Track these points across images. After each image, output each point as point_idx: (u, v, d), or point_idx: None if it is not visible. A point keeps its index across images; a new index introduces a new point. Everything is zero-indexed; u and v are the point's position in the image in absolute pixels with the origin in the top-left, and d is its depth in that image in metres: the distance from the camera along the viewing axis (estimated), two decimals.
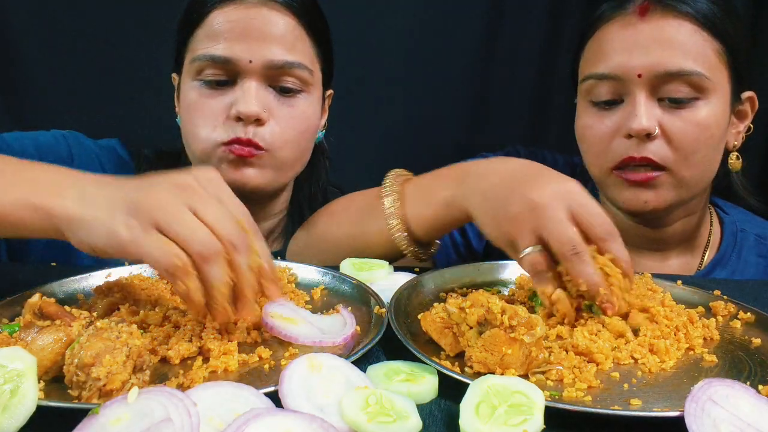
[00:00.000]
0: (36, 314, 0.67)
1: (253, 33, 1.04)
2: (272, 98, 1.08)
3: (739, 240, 1.21)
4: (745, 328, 0.82)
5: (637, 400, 0.62)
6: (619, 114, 1.06)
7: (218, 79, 1.07)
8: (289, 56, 1.07)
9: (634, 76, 1.02)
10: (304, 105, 1.11)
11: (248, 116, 1.04)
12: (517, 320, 0.65)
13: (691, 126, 1.02)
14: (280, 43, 1.06)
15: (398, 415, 0.55)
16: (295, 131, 1.10)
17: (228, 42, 1.04)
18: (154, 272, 0.91)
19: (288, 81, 1.08)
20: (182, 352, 0.67)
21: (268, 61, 1.05)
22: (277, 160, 1.09)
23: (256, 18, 1.05)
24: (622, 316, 0.77)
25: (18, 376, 0.56)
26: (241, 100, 1.04)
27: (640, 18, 1.03)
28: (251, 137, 1.05)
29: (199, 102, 1.08)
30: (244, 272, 0.68)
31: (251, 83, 1.05)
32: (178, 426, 0.50)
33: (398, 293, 0.82)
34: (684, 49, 1.01)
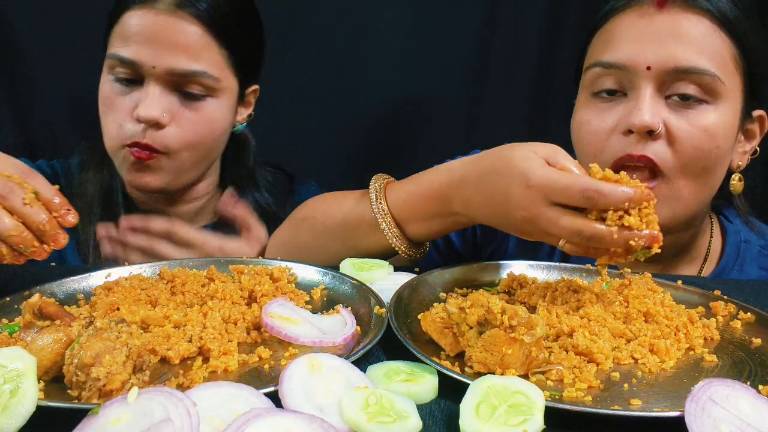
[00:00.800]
0: (36, 314, 0.67)
1: (160, 40, 1.08)
2: (176, 102, 1.12)
3: (741, 252, 1.14)
4: (745, 328, 0.81)
5: (637, 400, 0.62)
6: (620, 109, 0.99)
7: (127, 78, 1.11)
8: (193, 65, 1.10)
9: (643, 69, 0.95)
10: (209, 108, 1.15)
11: (147, 120, 1.09)
12: (517, 320, 0.65)
13: (698, 130, 0.95)
14: (184, 52, 1.10)
15: (398, 415, 0.55)
16: (196, 135, 1.14)
17: (136, 45, 1.09)
18: (154, 272, 0.92)
19: (192, 87, 1.13)
20: (182, 352, 0.67)
21: (170, 68, 1.09)
22: (176, 162, 1.15)
23: (165, 25, 1.08)
24: None
25: (18, 376, 0.56)
26: (142, 103, 1.09)
27: (657, 9, 0.97)
28: (149, 142, 1.11)
29: (110, 98, 1.14)
30: (20, 209, 0.75)
31: (155, 88, 1.10)
32: (178, 426, 0.50)
33: (398, 293, 0.82)
34: (699, 46, 0.95)
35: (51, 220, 0.77)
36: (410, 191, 0.97)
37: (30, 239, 0.76)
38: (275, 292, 0.84)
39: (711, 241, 1.16)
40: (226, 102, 1.18)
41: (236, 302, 0.80)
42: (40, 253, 0.77)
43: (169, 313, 0.75)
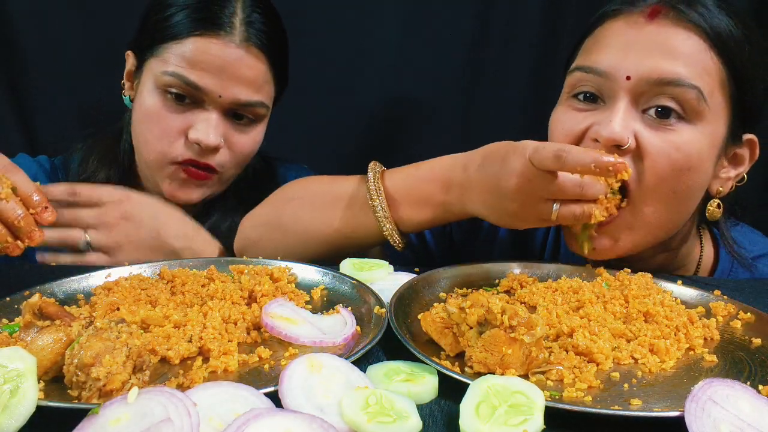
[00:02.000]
0: (36, 314, 0.67)
1: (229, 72, 1.12)
2: (229, 127, 1.17)
3: (735, 264, 1.10)
4: (745, 328, 0.81)
5: (637, 400, 0.62)
6: (595, 116, 0.95)
7: (182, 95, 1.13)
8: (255, 96, 1.16)
9: (622, 78, 0.91)
10: (255, 133, 1.22)
11: (208, 147, 1.13)
12: (517, 320, 0.65)
13: (671, 148, 0.90)
14: (250, 86, 1.15)
15: (398, 415, 0.55)
16: (244, 155, 1.22)
17: (203, 72, 1.11)
18: (154, 272, 0.92)
19: (248, 114, 1.18)
20: (182, 352, 0.67)
21: (235, 99, 1.14)
22: (224, 179, 1.22)
23: (235, 59, 1.12)
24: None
25: (18, 376, 0.56)
26: (202, 129, 1.13)
27: (648, 19, 0.93)
28: (205, 161, 1.15)
29: (161, 114, 1.14)
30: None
31: (214, 114, 1.14)
32: (178, 426, 0.50)
33: (398, 293, 0.82)
34: (685, 62, 0.90)
35: (27, 216, 0.78)
36: (410, 172, 1.02)
37: (3, 234, 0.77)
38: (275, 292, 0.84)
39: (701, 255, 1.12)
40: (264, 125, 1.25)
41: (236, 302, 0.80)
42: (13, 249, 0.78)
43: (169, 313, 0.75)
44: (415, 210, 1.00)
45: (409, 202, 1.00)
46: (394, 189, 1.01)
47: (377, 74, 1.78)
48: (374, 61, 1.78)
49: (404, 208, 1.01)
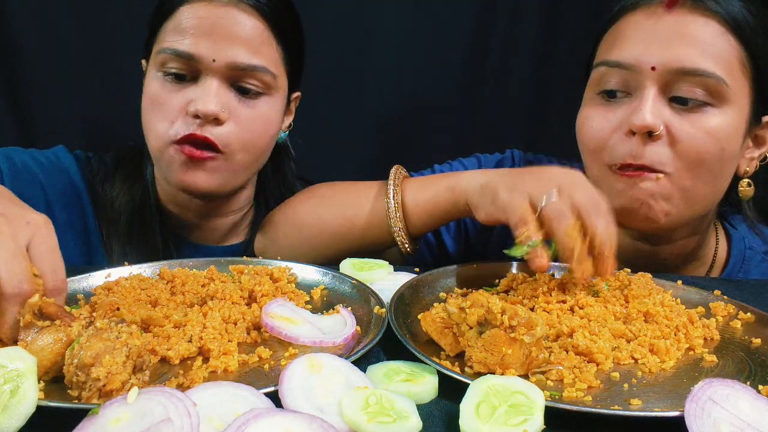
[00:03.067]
0: (36, 314, 0.67)
1: (220, 32, 1.04)
2: (233, 98, 1.07)
3: (747, 258, 1.14)
4: (745, 328, 0.81)
5: (637, 400, 0.62)
6: (624, 109, 0.99)
7: (180, 74, 1.06)
8: (254, 59, 1.06)
9: (648, 69, 0.95)
10: (265, 107, 1.10)
11: (206, 115, 1.03)
12: (517, 320, 0.65)
13: (700, 132, 0.94)
14: (245, 45, 1.05)
15: (398, 415, 0.55)
16: (253, 133, 1.09)
17: (194, 38, 1.04)
18: (154, 272, 0.92)
19: (250, 83, 1.08)
20: (182, 352, 0.67)
21: (231, 61, 1.04)
22: (232, 163, 1.09)
23: (224, 17, 1.05)
24: None
25: (18, 376, 0.56)
26: (200, 98, 1.03)
27: (666, 9, 0.97)
28: (207, 135, 1.04)
29: (160, 94, 1.07)
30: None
31: (213, 82, 1.05)
32: (178, 426, 0.50)
33: (398, 293, 0.82)
34: (705, 49, 0.94)
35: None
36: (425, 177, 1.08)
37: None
38: (275, 292, 0.84)
39: (717, 248, 1.15)
40: (279, 102, 1.14)
41: (236, 302, 0.80)
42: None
43: (169, 313, 0.75)
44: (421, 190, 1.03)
45: (416, 186, 1.03)
46: (411, 181, 1.04)
47: (380, 78, 1.79)
48: (377, 65, 1.78)
49: (411, 191, 1.03)
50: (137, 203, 1.17)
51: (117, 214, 1.16)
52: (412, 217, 1.02)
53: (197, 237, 1.24)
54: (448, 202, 0.99)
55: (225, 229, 1.25)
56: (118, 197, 1.17)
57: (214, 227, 1.24)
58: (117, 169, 1.20)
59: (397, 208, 1.01)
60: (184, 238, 1.23)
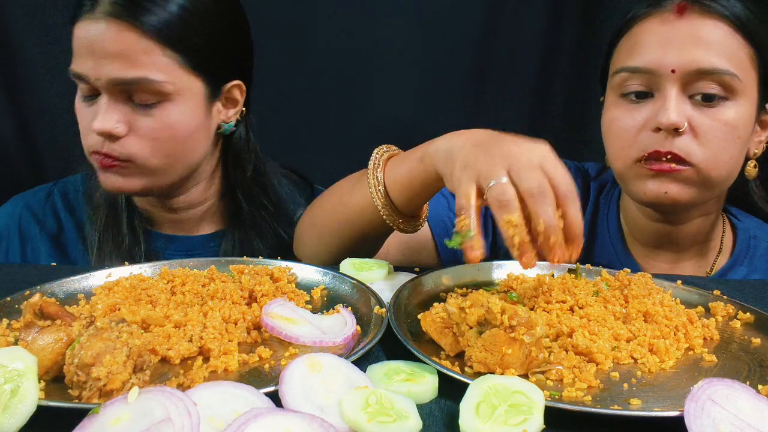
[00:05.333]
0: (36, 314, 0.67)
1: (97, 51, 1.05)
2: (129, 111, 1.08)
3: (751, 247, 1.22)
4: (744, 328, 0.82)
5: (637, 400, 0.62)
6: (648, 108, 1.06)
7: (87, 94, 1.10)
8: (131, 72, 1.05)
9: (668, 72, 1.03)
10: (164, 114, 1.10)
11: (100, 132, 1.07)
12: (517, 320, 0.65)
13: (720, 124, 1.03)
14: (120, 60, 1.05)
15: (398, 415, 0.55)
16: (158, 141, 1.10)
17: (81, 58, 1.07)
18: (154, 272, 0.92)
19: (141, 96, 1.08)
20: (182, 352, 0.67)
21: (111, 78, 1.05)
22: (148, 167, 1.12)
23: (101, 34, 1.05)
24: None
25: (18, 376, 0.56)
26: (96, 116, 1.07)
27: (677, 16, 1.05)
28: (106, 151, 1.08)
29: (78, 111, 1.13)
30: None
31: (105, 99, 1.07)
32: (178, 426, 0.50)
33: (398, 293, 0.82)
34: (718, 49, 1.02)
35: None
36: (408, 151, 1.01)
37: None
38: (275, 292, 0.85)
39: (723, 236, 1.24)
40: (186, 104, 1.12)
41: (236, 302, 0.80)
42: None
43: (170, 313, 0.75)
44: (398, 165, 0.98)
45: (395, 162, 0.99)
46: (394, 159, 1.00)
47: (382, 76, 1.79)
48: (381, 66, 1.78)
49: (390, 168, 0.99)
50: (110, 198, 1.22)
51: (96, 208, 1.21)
52: (393, 192, 0.98)
53: (169, 229, 1.28)
54: (420, 174, 0.94)
55: (195, 219, 1.28)
56: (95, 196, 1.22)
57: (182, 219, 1.27)
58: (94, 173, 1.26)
59: (377, 185, 0.98)
60: (156, 230, 1.27)
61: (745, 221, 1.26)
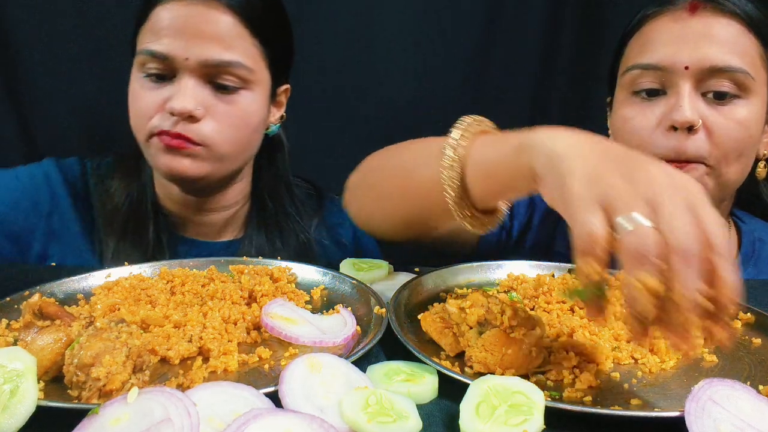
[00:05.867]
0: (36, 314, 0.67)
1: (191, 30, 1.06)
2: (209, 95, 1.09)
3: (756, 249, 1.21)
4: (745, 328, 0.82)
5: (637, 400, 0.62)
6: (661, 106, 1.06)
7: (158, 74, 1.08)
8: (226, 55, 1.07)
9: (681, 69, 1.03)
10: (244, 102, 1.11)
11: (181, 113, 1.05)
12: (517, 320, 0.65)
13: (733, 123, 1.03)
14: (217, 42, 1.06)
15: (398, 415, 0.55)
16: (233, 127, 1.11)
17: (167, 38, 1.06)
18: (154, 272, 0.92)
19: (226, 79, 1.09)
20: (182, 352, 0.67)
21: (203, 59, 1.06)
22: (216, 154, 1.11)
23: (195, 15, 1.06)
24: None
25: (18, 376, 0.56)
26: (176, 96, 1.06)
27: (690, 14, 1.05)
28: (180, 131, 1.06)
29: (140, 94, 1.10)
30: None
31: (188, 80, 1.06)
32: (177, 426, 0.50)
33: (398, 293, 0.82)
34: (731, 47, 1.03)
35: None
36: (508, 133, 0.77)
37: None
38: (275, 292, 0.85)
39: (730, 238, 1.23)
40: (260, 96, 1.14)
41: (236, 302, 0.80)
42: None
43: (169, 313, 0.75)
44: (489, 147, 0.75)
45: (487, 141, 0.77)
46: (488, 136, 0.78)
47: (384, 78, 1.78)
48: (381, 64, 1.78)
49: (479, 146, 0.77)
50: (134, 201, 1.19)
51: (114, 211, 1.18)
52: (471, 178, 0.75)
53: (194, 232, 1.26)
54: (511, 166, 0.70)
55: (220, 224, 1.27)
56: (115, 195, 1.19)
57: (210, 222, 1.25)
58: (116, 169, 1.23)
59: (453, 165, 0.76)
60: (180, 234, 1.25)
61: (749, 223, 1.25)
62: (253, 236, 1.25)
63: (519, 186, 0.72)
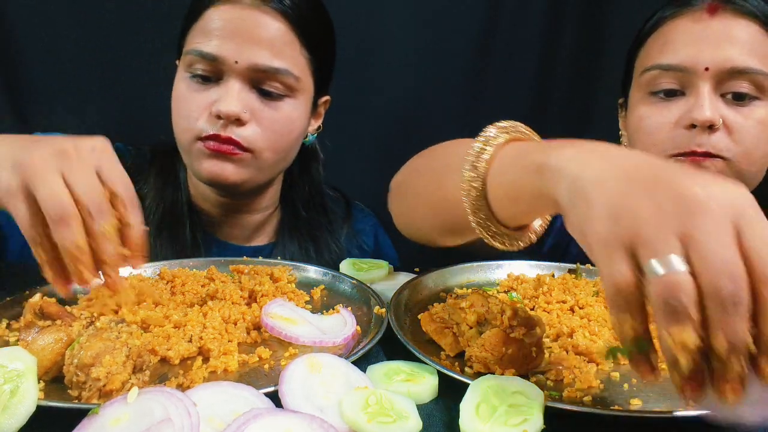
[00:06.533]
0: (37, 314, 0.67)
1: (243, 34, 1.05)
2: (255, 100, 1.08)
3: None
4: None
5: (637, 400, 0.62)
6: (680, 106, 1.06)
7: (205, 75, 1.08)
8: (276, 61, 1.07)
9: (701, 69, 1.03)
10: (288, 109, 1.11)
11: (228, 116, 1.05)
12: (517, 320, 0.65)
13: (752, 122, 1.04)
14: (267, 48, 1.06)
15: (398, 415, 0.55)
16: (276, 134, 1.11)
17: (218, 40, 1.06)
18: (154, 272, 0.92)
19: (273, 85, 1.09)
20: (182, 352, 0.67)
21: (253, 63, 1.05)
22: (259, 160, 1.11)
23: (248, 20, 1.06)
24: None
25: (18, 376, 0.56)
26: (222, 99, 1.05)
27: (709, 15, 1.05)
28: (230, 135, 1.06)
29: (186, 94, 1.09)
30: (96, 237, 0.67)
31: (235, 83, 1.06)
32: (178, 426, 0.50)
33: (398, 293, 0.83)
34: (751, 48, 1.03)
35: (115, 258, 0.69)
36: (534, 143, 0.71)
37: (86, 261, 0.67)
38: (275, 292, 0.85)
39: None
40: (304, 104, 1.14)
41: (236, 302, 0.80)
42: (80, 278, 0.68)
43: (169, 313, 0.75)
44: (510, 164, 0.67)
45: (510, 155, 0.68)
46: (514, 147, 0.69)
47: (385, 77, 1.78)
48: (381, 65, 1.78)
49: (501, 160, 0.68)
50: (169, 200, 1.19)
51: (149, 209, 1.18)
52: (492, 198, 0.68)
53: (225, 234, 1.26)
54: (532, 191, 0.62)
55: (252, 227, 1.27)
56: (151, 193, 1.19)
57: (242, 224, 1.25)
58: (152, 164, 1.23)
59: (473, 179, 0.68)
60: (212, 234, 1.25)
61: None
62: (286, 244, 1.25)
63: (543, 211, 0.67)
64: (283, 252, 1.24)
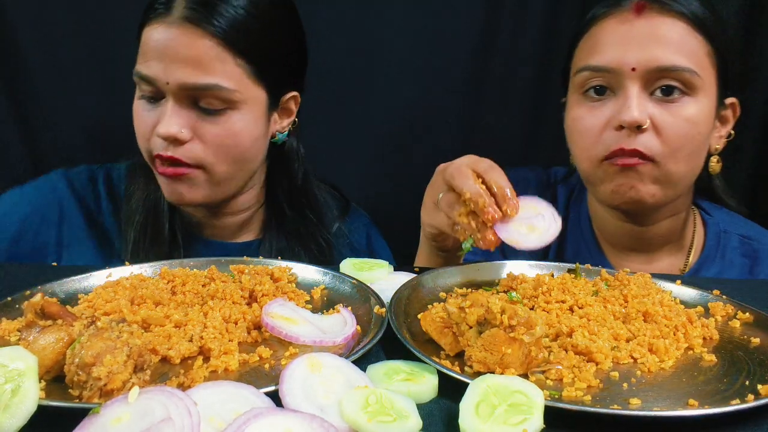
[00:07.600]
0: (38, 314, 0.67)
1: (170, 54, 1.06)
2: (194, 117, 1.09)
3: (722, 241, 1.23)
4: (744, 327, 0.82)
5: (636, 400, 0.62)
6: (610, 106, 1.07)
7: (150, 95, 1.10)
8: (206, 78, 1.06)
9: (628, 70, 1.04)
10: (231, 121, 1.11)
11: (165, 137, 1.07)
12: (517, 320, 0.65)
13: (680, 120, 1.04)
14: (194, 66, 1.06)
15: (398, 414, 0.56)
16: (223, 147, 1.11)
17: (151, 61, 1.07)
18: (155, 272, 0.92)
19: (208, 101, 1.08)
20: (183, 352, 0.67)
21: (182, 83, 1.06)
22: (213, 175, 1.12)
23: (174, 39, 1.06)
24: None
25: (19, 376, 0.56)
26: (161, 120, 1.07)
27: (636, 15, 1.06)
28: (172, 154, 1.08)
29: (139, 113, 1.12)
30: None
31: (171, 103, 1.07)
32: (178, 426, 0.50)
33: (398, 293, 0.83)
34: (677, 47, 1.04)
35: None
36: None
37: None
38: (275, 292, 0.85)
39: (694, 232, 1.25)
40: (250, 113, 1.13)
41: (237, 302, 0.81)
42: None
43: (170, 312, 0.75)
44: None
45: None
46: None
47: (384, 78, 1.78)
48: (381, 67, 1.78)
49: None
50: (152, 200, 1.20)
51: (133, 210, 1.20)
52: None
53: (209, 233, 1.27)
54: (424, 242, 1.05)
55: (236, 226, 1.28)
56: (137, 193, 1.21)
57: (224, 225, 1.26)
58: (134, 174, 1.24)
59: None
60: (197, 233, 1.26)
61: (715, 215, 1.26)
62: (273, 240, 1.26)
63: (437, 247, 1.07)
64: (269, 247, 1.25)
